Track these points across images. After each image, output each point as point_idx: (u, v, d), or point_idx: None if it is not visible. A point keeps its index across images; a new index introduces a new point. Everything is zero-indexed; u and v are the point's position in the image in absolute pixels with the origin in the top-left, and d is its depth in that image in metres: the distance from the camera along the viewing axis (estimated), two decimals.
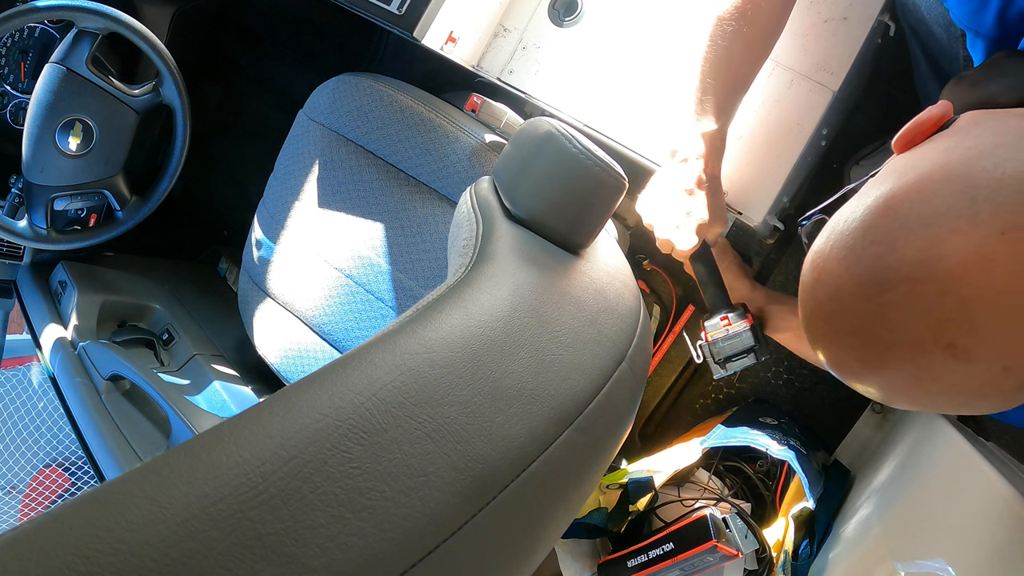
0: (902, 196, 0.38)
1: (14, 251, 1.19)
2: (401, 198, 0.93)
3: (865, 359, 0.39)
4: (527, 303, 0.41)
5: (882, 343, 0.37)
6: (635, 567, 0.88)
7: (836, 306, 0.39)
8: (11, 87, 1.13)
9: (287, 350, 1.01)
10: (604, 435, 0.42)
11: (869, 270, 0.37)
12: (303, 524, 0.24)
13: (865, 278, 0.37)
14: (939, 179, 0.37)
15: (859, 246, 0.38)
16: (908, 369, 0.37)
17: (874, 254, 0.37)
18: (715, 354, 0.79)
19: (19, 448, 1.90)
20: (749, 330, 0.78)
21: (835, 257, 0.40)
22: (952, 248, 0.34)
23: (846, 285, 0.39)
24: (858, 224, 0.39)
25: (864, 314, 0.38)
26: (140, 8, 1.12)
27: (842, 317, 0.39)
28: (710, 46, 0.73)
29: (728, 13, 0.71)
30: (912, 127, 0.44)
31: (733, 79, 0.74)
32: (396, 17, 0.87)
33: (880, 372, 0.39)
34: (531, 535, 0.35)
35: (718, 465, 0.97)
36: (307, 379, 0.29)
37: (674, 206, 0.77)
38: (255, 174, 1.16)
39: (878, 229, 0.38)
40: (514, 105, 0.95)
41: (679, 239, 0.78)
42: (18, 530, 0.21)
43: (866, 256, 0.38)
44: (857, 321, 0.38)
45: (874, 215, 0.38)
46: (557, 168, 0.52)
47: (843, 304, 0.39)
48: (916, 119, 0.44)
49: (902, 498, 0.74)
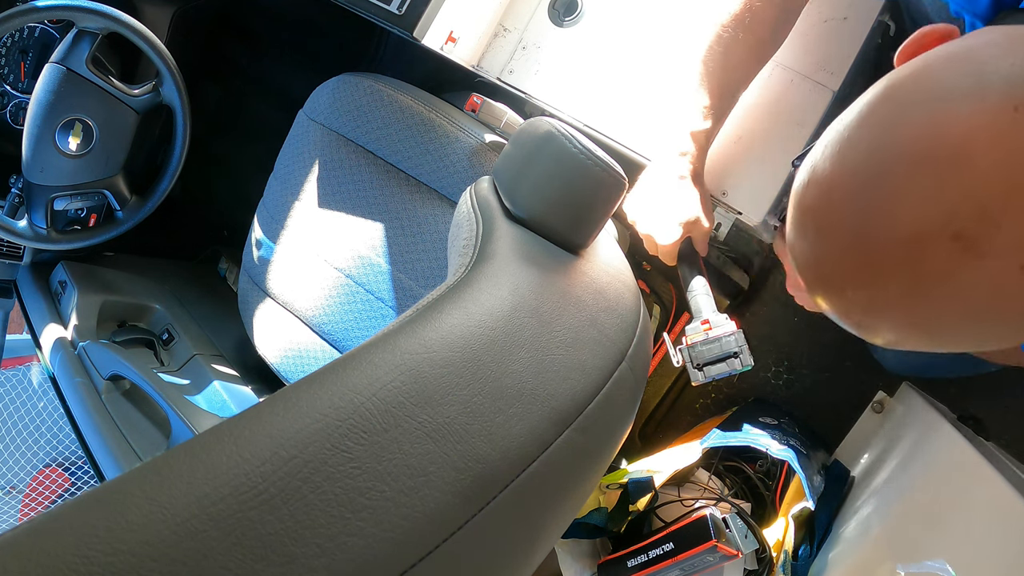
0: (901, 83, 0.34)
1: (14, 251, 1.19)
2: (401, 198, 0.93)
3: (860, 266, 0.34)
4: (527, 303, 0.41)
5: (879, 241, 0.33)
6: (635, 567, 0.88)
7: (826, 205, 0.35)
8: (11, 87, 1.13)
9: (287, 350, 1.01)
10: (604, 435, 0.42)
11: (866, 155, 0.34)
12: (303, 524, 0.24)
13: (861, 165, 0.34)
14: (941, 64, 0.33)
15: (855, 136, 0.35)
16: (909, 271, 0.33)
17: (871, 137, 0.34)
18: (694, 358, 0.78)
19: (19, 448, 1.90)
20: (732, 336, 0.76)
21: (828, 156, 0.36)
22: (958, 123, 0.31)
23: (837, 179, 0.35)
24: (854, 116, 0.35)
25: (857, 210, 0.34)
26: (140, 8, 1.12)
27: (833, 218, 0.35)
28: (707, 50, 0.74)
29: (726, 19, 0.72)
30: (915, 38, 0.39)
31: (726, 83, 0.76)
32: (396, 17, 0.87)
33: (877, 280, 0.34)
34: (531, 535, 0.35)
35: (718, 465, 0.97)
36: (307, 379, 0.29)
37: (658, 201, 0.78)
38: (255, 174, 1.16)
39: (875, 114, 0.34)
40: (514, 105, 0.95)
41: (660, 233, 0.78)
42: (18, 530, 0.21)
43: (863, 143, 0.34)
44: (851, 220, 0.34)
45: (872, 104, 0.35)
46: (557, 168, 0.52)
47: (834, 202, 0.35)
48: (919, 31, 0.39)
49: (902, 498, 0.74)
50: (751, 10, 0.72)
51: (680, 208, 0.77)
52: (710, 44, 0.74)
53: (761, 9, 0.72)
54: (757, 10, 0.72)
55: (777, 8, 0.72)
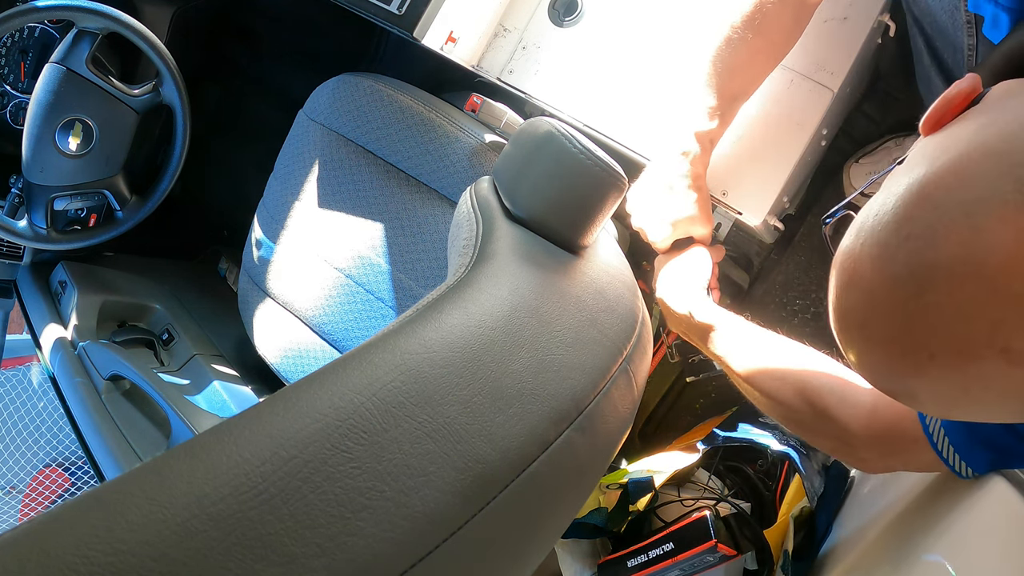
0: (937, 182, 0.33)
1: (14, 251, 1.19)
2: (401, 198, 0.93)
3: (905, 369, 0.34)
4: (527, 303, 0.41)
5: (925, 351, 0.33)
6: (635, 567, 0.87)
7: (870, 311, 0.35)
8: (11, 87, 1.13)
9: (287, 350, 1.01)
10: (604, 435, 0.42)
11: (906, 269, 0.33)
12: (303, 524, 0.24)
13: (902, 279, 0.33)
14: (977, 159, 0.32)
15: (893, 242, 0.34)
16: (956, 378, 0.33)
17: (911, 250, 0.33)
18: (687, 354, 0.78)
19: (19, 448, 1.90)
20: None
21: (867, 256, 0.35)
22: (999, 239, 0.30)
23: (880, 288, 0.34)
24: (890, 217, 0.34)
25: (902, 319, 0.33)
26: (140, 8, 1.12)
27: (877, 323, 0.35)
28: (716, 50, 0.73)
29: (736, 20, 0.71)
30: (940, 105, 0.38)
31: (734, 86, 0.75)
32: (396, 17, 0.87)
33: (923, 382, 0.34)
34: (531, 535, 0.35)
35: (718, 465, 0.97)
36: (307, 379, 0.29)
37: (653, 199, 0.78)
38: (255, 174, 1.16)
39: (914, 221, 0.33)
40: (514, 105, 0.95)
41: (651, 230, 0.78)
42: (18, 530, 0.21)
43: (902, 253, 0.33)
44: (895, 327, 0.34)
45: (908, 206, 0.34)
46: (557, 168, 0.52)
47: (878, 309, 0.34)
48: (944, 95, 0.38)
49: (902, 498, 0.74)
50: (763, 12, 0.70)
51: (673, 208, 0.77)
52: (719, 45, 0.72)
53: (773, 11, 0.70)
54: (769, 12, 0.70)
55: (789, 11, 0.71)
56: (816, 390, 0.63)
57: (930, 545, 0.56)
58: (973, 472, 0.53)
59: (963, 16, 0.62)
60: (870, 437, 0.59)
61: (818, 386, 0.63)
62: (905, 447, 0.57)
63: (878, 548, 0.67)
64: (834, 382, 0.63)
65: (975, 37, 0.63)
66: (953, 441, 0.53)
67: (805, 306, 1.19)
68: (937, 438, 0.54)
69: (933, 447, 0.54)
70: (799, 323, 1.21)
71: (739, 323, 0.72)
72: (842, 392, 0.61)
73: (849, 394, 0.61)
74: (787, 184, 0.85)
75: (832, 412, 0.61)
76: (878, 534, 0.70)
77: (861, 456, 0.62)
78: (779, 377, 0.66)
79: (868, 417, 0.59)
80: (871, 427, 0.59)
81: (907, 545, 0.60)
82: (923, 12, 0.72)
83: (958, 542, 0.54)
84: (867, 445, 0.60)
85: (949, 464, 0.54)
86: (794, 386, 0.64)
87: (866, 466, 0.65)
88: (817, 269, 1.17)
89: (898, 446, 0.58)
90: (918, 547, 0.58)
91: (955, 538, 0.55)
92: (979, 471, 0.53)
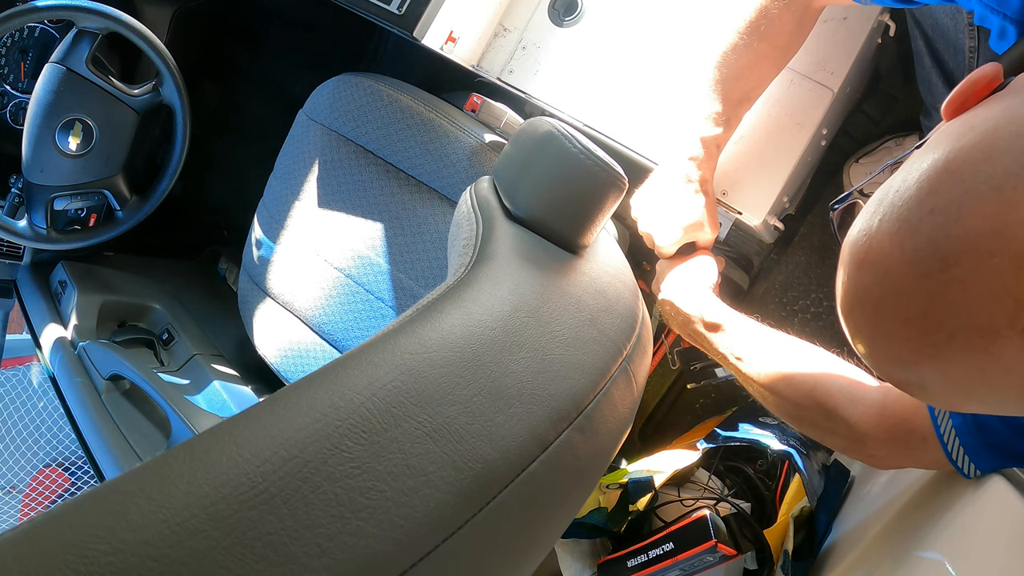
0: (964, 157, 0.32)
1: (14, 251, 1.19)
2: (401, 198, 0.93)
3: (921, 352, 0.33)
4: (527, 303, 0.41)
5: (944, 330, 0.32)
6: (635, 567, 0.87)
7: (885, 290, 0.34)
8: (11, 87, 1.13)
9: (287, 350, 1.01)
10: (604, 435, 0.42)
11: (929, 243, 0.32)
12: (303, 524, 0.24)
13: (924, 253, 0.32)
14: (1006, 136, 0.31)
15: (915, 217, 0.32)
16: (975, 359, 0.31)
17: (935, 224, 0.32)
18: (689, 361, 0.77)
19: (19, 448, 1.90)
20: None
21: (885, 233, 0.34)
22: None
23: (899, 264, 0.33)
24: (913, 192, 0.33)
25: (922, 297, 0.32)
26: (140, 8, 1.12)
27: (894, 302, 0.33)
28: (721, 55, 0.73)
29: (741, 25, 0.71)
30: (963, 89, 0.37)
31: (739, 91, 0.75)
32: (396, 17, 0.87)
33: (938, 367, 0.33)
34: (531, 535, 0.35)
35: (718, 465, 0.97)
36: (307, 379, 0.29)
37: (662, 203, 0.77)
38: (255, 174, 1.16)
39: (939, 196, 0.32)
40: (514, 105, 0.95)
41: (660, 234, 0.78)
42: (18, 530, 0.21)
43: (925, 227, 0.32)
44: (913, 306, 0.32)
45: (933, 181, 0.33)
46: (557, 168, 0.52)
47: (895, 287, 0.33)
48: (966, 80, 0.37)
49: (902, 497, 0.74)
50: (767, 17, 0.70)
51: (683, 212, 0.76)
52: (724, 50, 0.72)
53: (778, 16, 0.70)
54: (774, 17, 0.70)
55: (794, 15, 0.71)
56: (825, 389, 0.63)
57: (930, 544, 0.56)
58: (979, 473, 0.54)
59: (964, 18, 0.62)
60: (880, 435, 0.59)
61: (827, 385, 0.63)
62: (914, 445, 0.57)
63: (878, 547, 0.67)
64: (843, 381, 0.63)
65: (976, 40, 0.63)
66: (964, 442, 0.53)
67: (805, 306, 1.19)
68: (948, 438, 0.54)
69: (942, 446, 0.54)
70: (799, 323, 1.21)
71: (749, 323, 0.72)
72: (851, 391, 0.62)
73: (858, 393, 0.61)
74: (787, 184, 0.85)
75: (841, 411, 0.61)
76: (878, 533, 0.70)
77: (871, 453, 0.62)
78: (788, 376, 0.66)
79: (877, 416, 0.59)
80: (880, 425, 0.59)
81: (907, 544, 0.60)
82: (924, 14, 0.72)
83: (958, 541, 0.54)
84: (877, 443, 0.60)
85: (956, 464, 0.54)
86: (803, 386, 0.64)
87: (877, 463, 0.66)
88: (817, 269, 1.17)
89: (907, 444, 0.58)
90: (918, 546, 0.58)
91: (955, 537, 0.55)
92: (985, 472, 0.53)
